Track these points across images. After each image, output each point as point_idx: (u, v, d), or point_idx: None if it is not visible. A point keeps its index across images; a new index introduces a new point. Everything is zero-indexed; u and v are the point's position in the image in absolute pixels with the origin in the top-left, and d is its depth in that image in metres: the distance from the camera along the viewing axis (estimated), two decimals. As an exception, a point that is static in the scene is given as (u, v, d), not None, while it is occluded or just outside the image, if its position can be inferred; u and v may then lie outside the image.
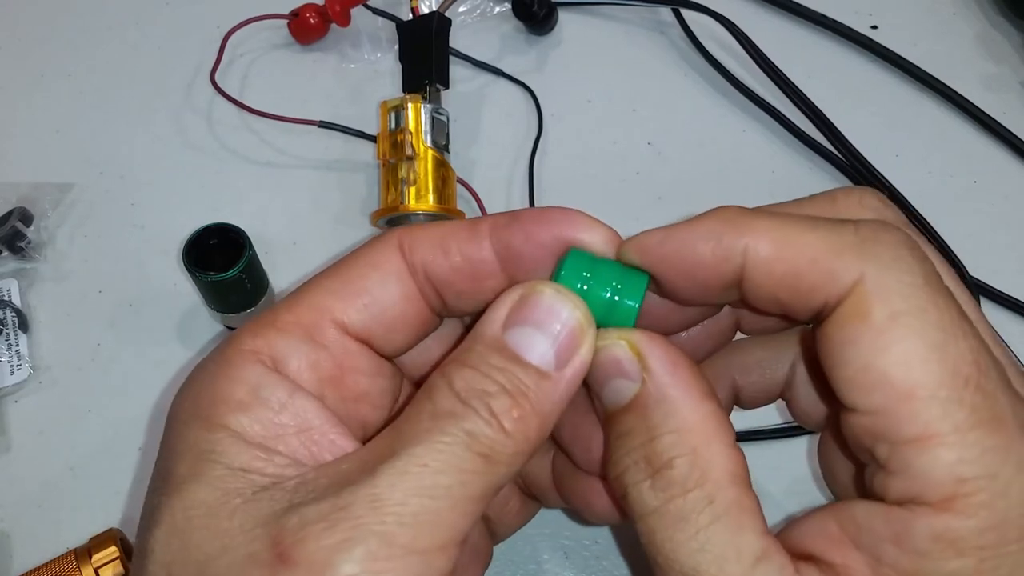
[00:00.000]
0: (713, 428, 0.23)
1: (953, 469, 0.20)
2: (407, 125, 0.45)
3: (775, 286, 0.22)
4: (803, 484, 0.40)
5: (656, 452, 0.23)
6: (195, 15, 0.56)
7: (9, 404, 0.43)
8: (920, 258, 0.21)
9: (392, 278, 0.25)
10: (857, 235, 0.22)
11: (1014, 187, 0.49)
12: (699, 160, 0.50)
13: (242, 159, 0.50)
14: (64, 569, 0.35)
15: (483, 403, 0.22)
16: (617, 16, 0.56)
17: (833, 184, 0.49)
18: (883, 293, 0.21)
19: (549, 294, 0.23)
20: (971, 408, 0.20)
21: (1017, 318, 0.45)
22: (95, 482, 0.41)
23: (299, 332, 0.24)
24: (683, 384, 0.23)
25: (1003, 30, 0.55)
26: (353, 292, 0.25)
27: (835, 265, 0.21)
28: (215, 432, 0.23)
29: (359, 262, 0.25)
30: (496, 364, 0.22)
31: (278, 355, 0.24)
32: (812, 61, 0.52)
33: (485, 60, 0.53)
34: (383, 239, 0.26)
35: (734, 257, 0.22)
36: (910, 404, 0.20)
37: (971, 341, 0.21)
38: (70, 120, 0.52)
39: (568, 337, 0.23)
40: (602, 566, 0.39)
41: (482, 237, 0.25)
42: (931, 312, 0.20)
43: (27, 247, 0.46)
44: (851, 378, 0.21)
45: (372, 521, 0.20)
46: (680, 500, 0.22)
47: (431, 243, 0.25)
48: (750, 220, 0.23)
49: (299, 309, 0.25)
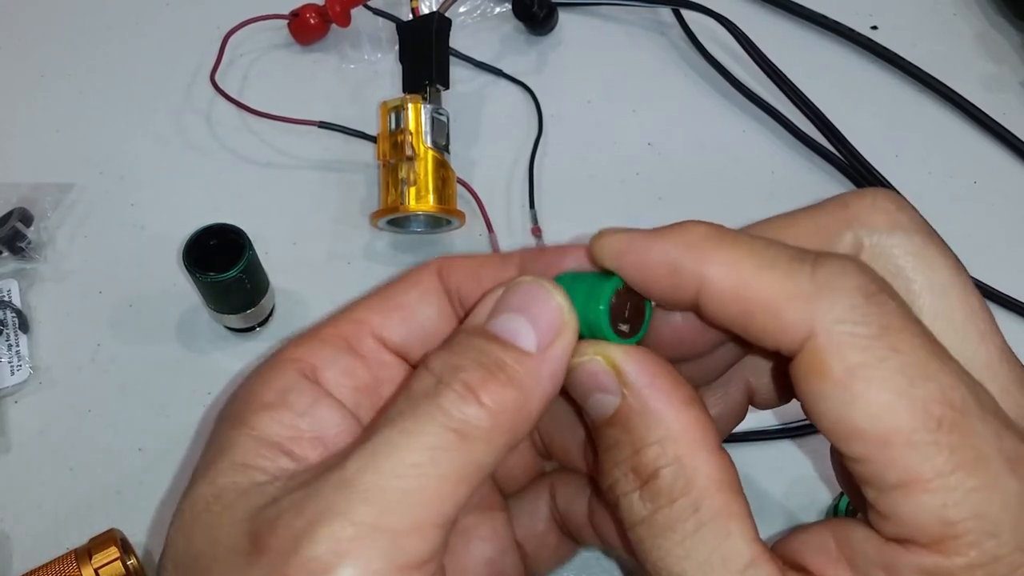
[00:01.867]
0: (697, 435, 0.23)
1: (939, 513, 0.20)
2: (407, 125, 0.45)
3: (729, 321, 0.22)
4: (803, 485, 0.40)
5: (642, 463, 0.23)
6: (195, 15, 0.56)
7: (9, 404, 0.43)
8: (879, 303, 0.21)
9: (430, 296, 0.26)
10: (812, 281, 0.21)
11: (1014, 187, 0.49)
12: (699, 160, 0.50)
13: (242, 159, 0.50)
14: (64, 569, 0.35)
15: (457, 378, 0.22)
16: (617, 16, 0.56)
17: (832, 184, 0.49)
18: (836, 348, 0.20)
19: (528, 281, 0.24)
20: (949, 450, 0.20)
21: (1017, 318, 0.45)
22: (95, 482, 0.41)
23: (339, 342, 0.25)
24: (663, 394, 0.23)
25: (1003, 30, 0.55)
26: (392, 307, 0.26)
27: (787, 315, 0.21)
28: (235, 429, 0.23)
29: (402, 282, 0.27)
30: (472, 344, 0.23)
31: (317, 363, 0.25)
32: (812, 61, 0.52)
33: (485, 60, 0.53)
34: (424, 264, 0.27)
35: (689, 286, 0.22)
36: (889, 452, 0.20)
37: (942, 379, 0.20)
38: (70, 120, 0.52)
39: (548, 320, 0.23)
40: (602, 566, 0.39)
41: (511, 264, 0.26)
42: (891, 359, 0.20)
43: (27, 247, 0.46)
44: (828, 428, 0.21)
45: (337, 502, 0.20)
46: (667, 509, 0.22)
47: (466, 269, 0.26)
48: (711, 250, 0.22)
49: (341, 322, 0.26)
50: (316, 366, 0.25)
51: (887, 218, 0.24)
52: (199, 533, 0.22)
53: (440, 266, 0.27)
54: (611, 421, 0.23)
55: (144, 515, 0.40)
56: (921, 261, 0.24)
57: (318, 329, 0.26)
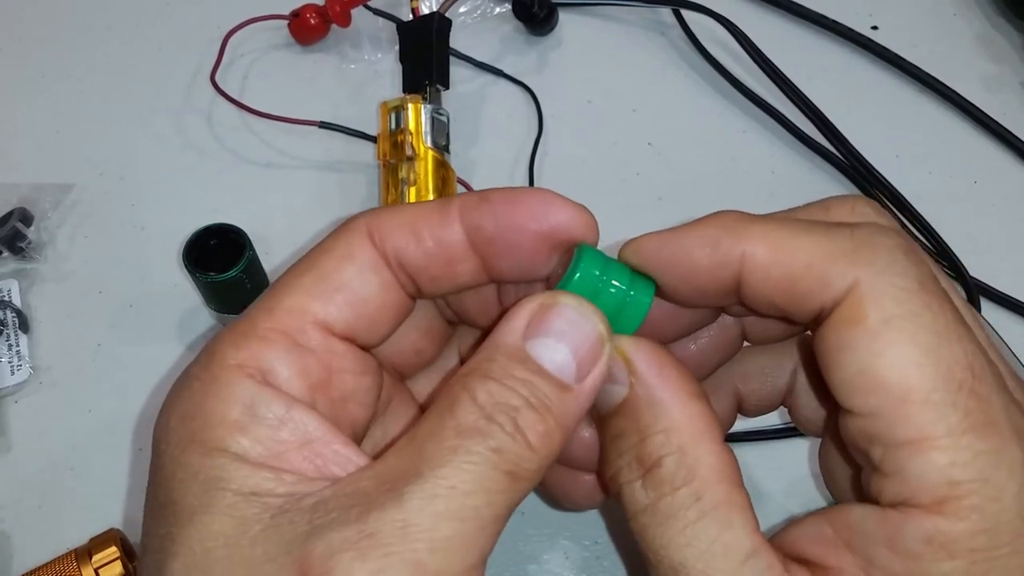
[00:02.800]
0: (701, 427, 0.23)
1: (945, 472, 0.20)
2: (407, 125, 0.45)
3: (772, 291, 0.22)
4: (803, 484, 0.40)
5: (646, 452, 0.23)
6: (195, 15, 0.56)
7: (9, 404, 0.43)
8: (916, 262, 0.21)
9: (368, 269, 0.24)
10: (852, 239, 0.22)
11: (1014, 187, 0.49)
12: (699, 160, 0.50)
13: (242, 159, 0.50)
14: (64, 569, 0.35)
15: (509, 418, 0.21)
16: (617, 16, 0.56)
17: (833, 184, 0.49)
18: (877, 298, 0.21)
19: (573, 306, 0.23)
20: (964, 412, 0.20)
21: (1017, 318, 0.45)
22: (95, 482, 0.41)
23: (283, 339, 0.23)
24: (670, 385, 0.23)
25: (1003, 30, 0.55)
26: (331, 289, 0.24)
27: (830, 270, 0.21)
28: (215, 457, 0.22)
29: (331, 255, 0.24)
30: (519, 376, 0.22)
31: (265, 366, 0.23)
32: (812, 61, 0.52)
33: (485, 60, 0.53)
34: (349, 227, 0.25)
35: (731, 263, 0.23)
36: (904, 407, 0.20)
37: (966, 344, 0.21)
38: (70, 120, 0.52)
39: (589, 350, 0.23)
40: (602, 566, 0.39)
41: (452, 219, 0.24)
42: (925, 316, 0.21)
43: (27, 247, 0.46)
44: (847, 381, 0.21)
45: (403, 549, 0.20)
46: (669, 497, 0.22)
47: (401, 229, 0.24)
48: (747, 226, 0.23)
49: (279, 314, 0.23)
50: (265, 370, 0.23)
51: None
52: (226, 570, 0.21)
53: (369, 228, 0.24)
54: (618, 411, 0.24)
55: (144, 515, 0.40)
56: None
57: (253, 323, 0.23)
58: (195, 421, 0.22)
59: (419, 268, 0.25)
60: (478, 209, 0.24)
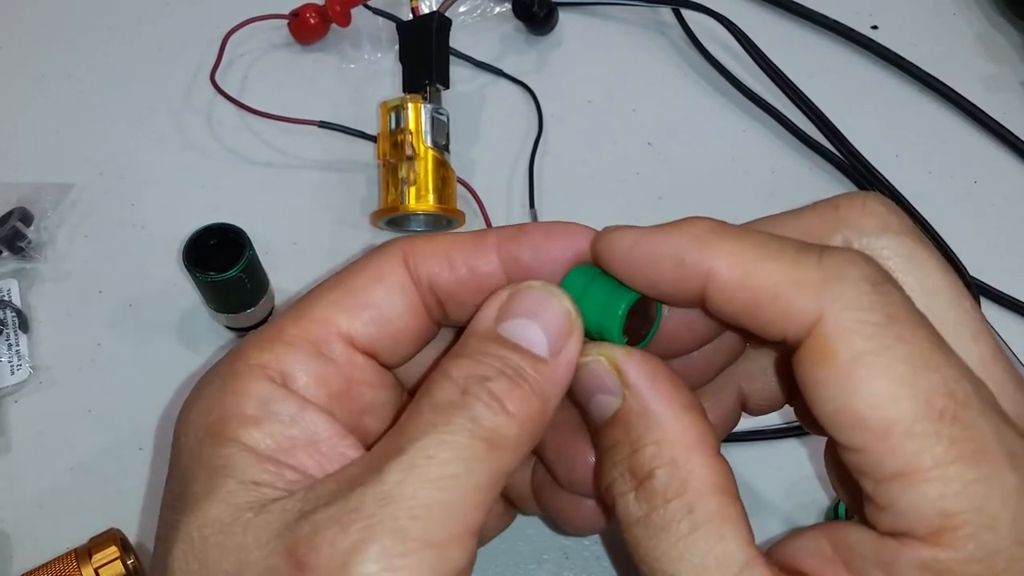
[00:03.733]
0: (694, 439, 0.23)
1: (936, 504, 0.20)
2: (407, 125, 0.45)
3: (736, 312, 0.22)
4: (803, 485, 0.40)
5: (639, 463, 0.23)
6: (195, 15, 0.56)
7: (9, 404, 0.43)
8: (885, 292, 0.21)
9: (397, 291, 0.25)
10: (819, 270, 0.21)
11: (1014, 187, 0.49)
12: (699, 160, 0.50)
13: (242, 159, 0.50)
14: (64, 569, 0.35)
15: (483, 387, 0.22)
16: (617, 16, 0.56)
17: (832, 184, 0.49)
18: (844, 335, 0.20)
19: (537, 286, 0.24)
20: (950, 441, 0.20)
21: (1017, 318, 0.45)
22: (95, 482, 0.41)
23: (307, 347, 0.24)
24: (663, 396, 0.23)
25: (1003, 30, 0.55)
26: (359, 305, 0.25)
27: (794, 302, 0.21)
28: (226, 447, 0.23)
29: (364, 274, 0.25)
30: (492, 352, 0.23)
31: (286, 370, 0.24)
32: (812, 61, 0.52)
33: (485, 60, 0.53)
34: (387, 250, 0.26)
35: (695, 278, 0.22)
36: (888, 442, 0.20)
37: (945, 371, 0.20)
38: (70, 120, 0.52)
39: (558, 325, 0.24)
40: (602, 566, 0.39)
41: (489, 250, 0.25)
42: (897, 348, 0.20)
43: (27, 247, 0.46)
44: (829, 418, 0.21)
45: (384, 518, 0.20)
46: (661, 510, 0.22)
47: (437, 256, 0.25)
48: (716, 241, 0.22)
49: (305, 323, 0.25)
50: (286, 373, 0.24)
51: (876, 221, 0.24)
52: (220, 556, 0.21)
53: (405, 252, 0.25)
54: (612, 422, 0.24)
55: (144, 515, 0.40)
56: (911, 263, 0.23)
57: (280, 329, 0.25)
58: (212, 414, 0.23)
59: (450, 294, 0.25)
60: (516, 241, 0.25)
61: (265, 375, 0.24)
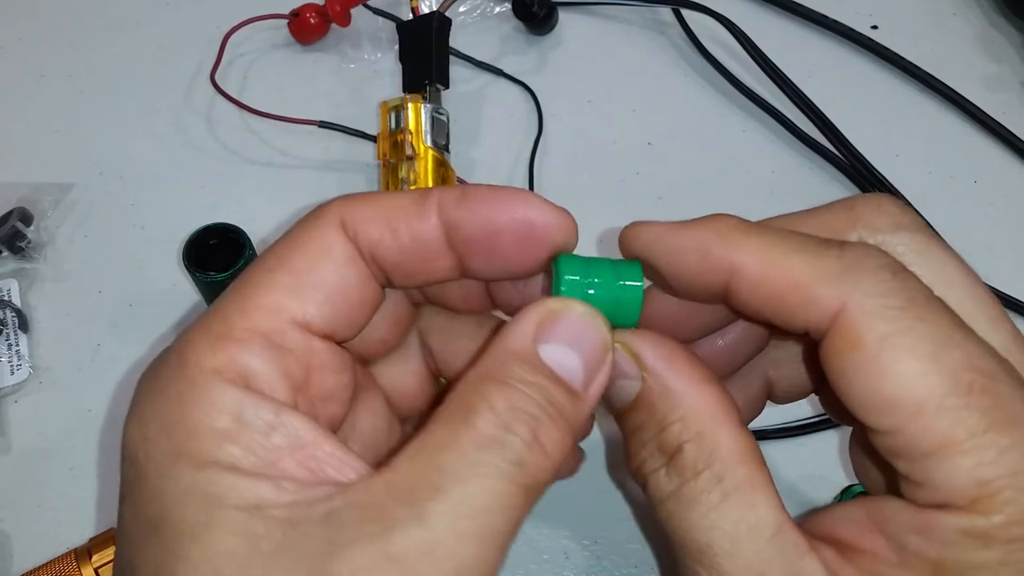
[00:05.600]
0: (716, 411, 0.23)
1: (974, 473, 0.20)
2: (407, 125, 0.45)
3: (759, 305, 0.23)
4: (803, 484, 0.40)
5: (667, 441, 0.23)
6: (195, 15, 0.56)
7: (9, 404, 0.43)
8: (903, 279, 0.22)
9: (344, 263, 0.23)
10: (840, 261, 0.22)
11: (1014, 187, 0.49)
12: (699, 160, 0.50)
13: (242, 159, 0.50)
14: (64, 569, 0.35)
15: (527, 427, 0.21)
16: (617, 16, 0.56)
17: (832, 184, 0.49)
18: (868, 320, 0.21)
19: (581, 312, 0.23)
20: (981, 412, 0.20)
21: (1017, 318, 0.45)
22: (95, 482, 0.41)
23: (260, 341, 0.22)
24: (681, 374, 0.24)
25: (1003, 30, 0.55)
26: (308, 285, 0.23)
27: (817, 292, 0.22)
28: (208, 471, 0.21)
29: (307, 249, 0.23)
30: (534, 380, 0.22)
31: (246, 371, 0.22)
32: (812, 61, 0.52)
33: (485, 60, 0.53)
34: (322, 217, 0.24)
35: (720, 271, 0.23)
36: (921, 419, 0.20)
37: (968, 347, 0.21)
38: (70, 120, 0.52)
39: (595, 358, 0.23)
40: (602, 566, 0.39)
41: (430, 213, 0.24)
42: (919, 328, 0.21)
43: (27, 247, 0.46)
44: (859, 403, 0.21)
45: (426, 569, 0.20)
46: (692, 482, 0.23)
47: (376, 221, 0.24)
48: (741, 237, 0.23)
49: (253, 313, 0.22)
50: (245, 374, 0.22)
51: (891, 220, 0.25)
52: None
53: (343, 216, 0.23)
54: (634, 405, 0.24)
55: (144, 515, 0.40)
56: (926, 257, 0.24)
57: (226, 323, 0.22)
58: (178, 432, 0.21)
59: (394, 264, 0.24)
60: (458, 206, 0.24)
61: (226, 380, 0.21)
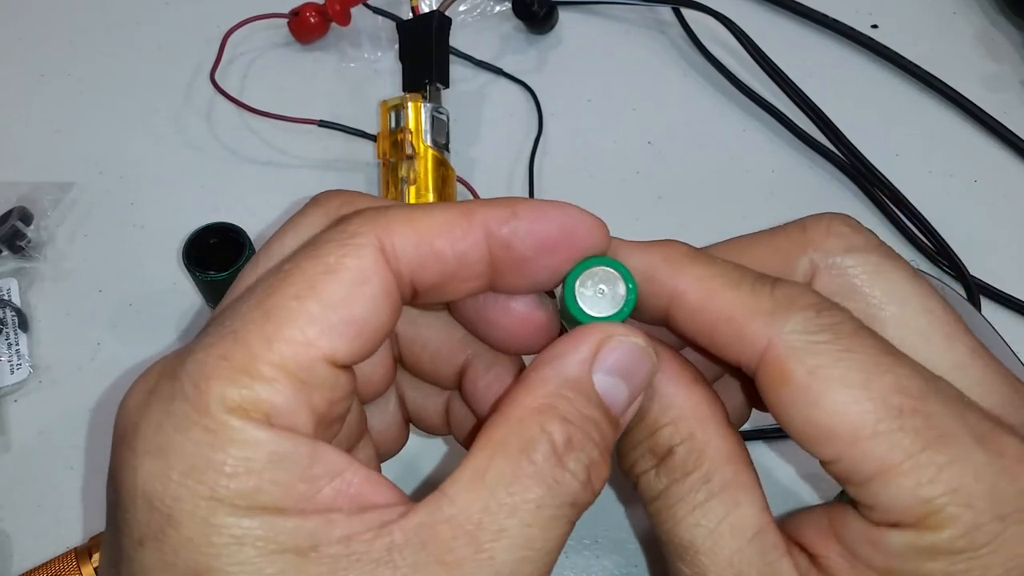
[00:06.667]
0: (707, 412, 0.24)
1: (915, 493, 0.21)
2: (407, 124, 0.45)
3: (696, 334, 0.24)
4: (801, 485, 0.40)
5: (658, 443, 0.24)
6: (195, 15, 0.56)
7: (9, 404, 0.43)
8: (830, 315, 0.22)
9: (381, 296, 0.22)
10: (772, 299, 0.23)
11: (1014, 187, 0.49)
12: (699, 160, 0.50)
13: (242, 159, 0.50)
14: (64, 569, 0.35)
15: (583, 467, 0.22)
16: (617, 16, 0.56)
17: (832, 184, 0.49)
18: (796, 355, 0.22)
19: (642, 345, 0.23)
20: (914, 432, 0.21)
21: (1017, 317, 0.45)
22: (95, 481, 0.41)
23: (288, 379, 0.21)
24: (672, 376, 0.24)
25: (1003, 30, 0.55)
26: (343, 321, 0.21)
27: (748, 327, 0.23)
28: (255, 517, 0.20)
29: (341, 277, 0.21)
30: (590, 416, 0.22)
31: (274, 411, 0.20)
32: (812, 61, 0.52)
33: (485, 59, 0.53)
34: (359, 238, 0.22)
35: (662, 296, 0.24)
36: (858, 446, 0.21)
37: (897, 370, 0.22)
38: (70, 120, 0.52)
39: (641, 387, 0.24)
40: (602, 566, 0.39)
41: (476, 231, 0.22)
42: (846, 358, 0.22)
43: (27, 246, 0.46)
44: (798, 434, 0.22)
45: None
46: (680, 482, 0.24)
47: (420, 245, 0.22)
48: (686, 264, 0.24)
49: (281, 346, 0.20)
50: (273, 414, 0.20)
51: (842, 241, 0.25)
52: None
53: (383, 242, 0.22)
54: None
55: (144, 514, 0.40)
56: (878, 277, 0.25)
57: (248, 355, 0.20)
58: (209, 475, 0.20)
59: (430, 284, 0.23)
60: (509, 225, 0.23)
61: (254, 421, 0.20)
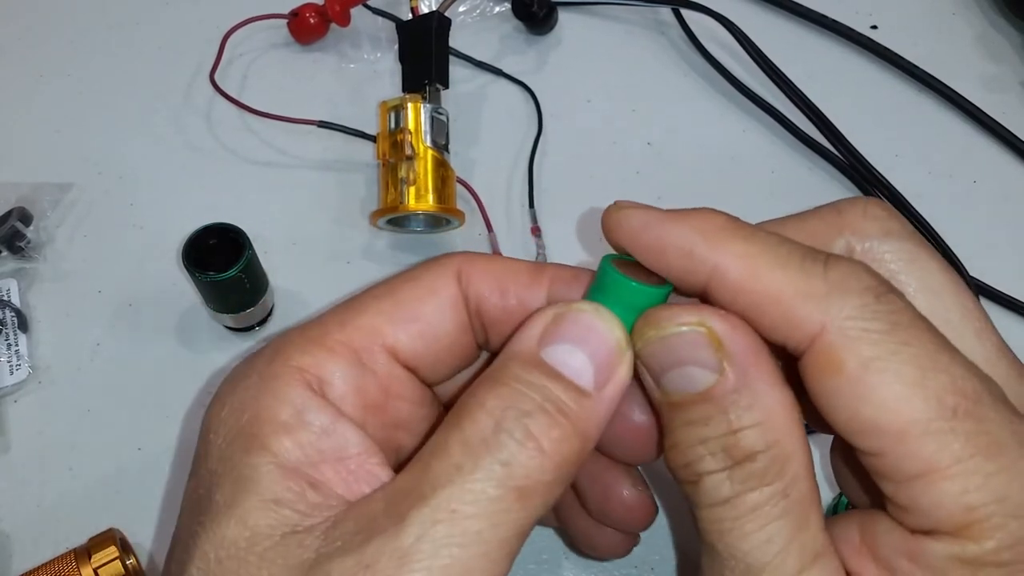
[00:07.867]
0: (795, 419, 0.22)
1: (960, 499, 0.20)
2: (407, 125, 0.45)
3: (738, 311, 0.22)
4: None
5: (738, 445, 0.21)
6: (195, 15, 0.56)
7: (9, 404, 0.43)
8: (888, 302, 0.21)
9: (448, 307, 0.25)
10: (825, 281, 0.21)
11: (1014, 187, 0.49)
12: (699, 160, 0.50)
13: (242, 159, 0.50)
14: (64, 569, 0.35)
15: (519, 424, 0.21)
16: (617, 16, 0.56)
17: (832, 184, 0.49)
18: (851, 344, 0.20)
19: (588, 309, 0.23)
20: (965, 436, 0.20)
21: (1017, 318, 0.45)
22: (94, 482, 0.41)
23: (349, 355, 0.24)
24: (765, 375, 0.22)
25: (1003, 30, 0.55)
26: (408, 317, 0.24)
27: (798, 311, 0.21)
28: (254, 455, 0.22)
29: (416, 284, 0.25)
30: (533, 380, 0.21)
31: (325, 376, 0.23)
32: (812, 61, 0.52)
33: (485, 60, 0.53)
34: (442, 263, 0.25)
35: (701, 271, 0.22)
36: (905, 444, 0.20)
37: (953, 369, 0.20)
38: (70, 120, 0.52)
39: (606, 356, 0.22)
40: (602, 566, 0.39)
41: (542, 285, 0.25)
42: (903, 352, 0.20)
43: (27, 247, 0.46)
44: (843, 425, 0.21)
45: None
46: (756, 493, 0.21)
47: (490, 279, 0.25)
48: (726, 240, 0.22)
49: (351, 329, 0.24)
50: (324, 380, 0.23)
51: (878, 225, 0.24)
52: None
53: (460, 269, 0.25)
54: (701, 397, 0.22)
55: (143, 514, 0.40)
56: (913, 265, 0.24)
57: (324, 332, 0.24)
58: (245, 414, 0.23)
59: (495, 321, 0.25)
60: (570, 285, 0.25)
61: (303, 379, 0.23)
